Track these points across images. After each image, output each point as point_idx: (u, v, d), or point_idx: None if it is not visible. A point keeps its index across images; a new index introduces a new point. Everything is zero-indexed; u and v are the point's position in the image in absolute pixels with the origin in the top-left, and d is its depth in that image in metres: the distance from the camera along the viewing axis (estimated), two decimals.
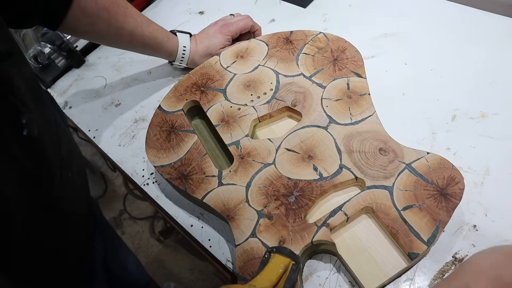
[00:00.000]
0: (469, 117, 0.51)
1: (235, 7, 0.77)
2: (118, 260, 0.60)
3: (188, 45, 0.61)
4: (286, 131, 0.49)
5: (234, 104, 0.53)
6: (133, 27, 0.56)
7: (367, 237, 0.41)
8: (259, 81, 0.55)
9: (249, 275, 0.39)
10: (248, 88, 0.55)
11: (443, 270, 0.40)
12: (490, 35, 0.59)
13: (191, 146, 0.50)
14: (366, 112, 0.48)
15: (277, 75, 0.55)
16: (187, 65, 0.64)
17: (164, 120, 0.53)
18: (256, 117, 0.51)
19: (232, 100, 0.54)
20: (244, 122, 0.51)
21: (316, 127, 0.48)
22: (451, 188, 0.40)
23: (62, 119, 0.51)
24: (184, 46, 0.61)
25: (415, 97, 0.54)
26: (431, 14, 0.65)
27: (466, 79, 0.55)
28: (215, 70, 0.57)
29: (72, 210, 0.41)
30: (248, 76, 0.56)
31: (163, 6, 0.84)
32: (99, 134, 0.63)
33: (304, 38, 0.58)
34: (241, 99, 0.53)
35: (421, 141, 0.50)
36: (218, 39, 0.62)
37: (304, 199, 0.43)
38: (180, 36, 0.61)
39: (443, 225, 0.38)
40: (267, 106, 0.52)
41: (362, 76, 0.52)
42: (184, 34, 0.63)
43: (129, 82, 0.70)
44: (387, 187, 0.42)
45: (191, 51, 0.62)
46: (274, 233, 0.41)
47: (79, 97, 0.70)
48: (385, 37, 0.63)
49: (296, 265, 0.36)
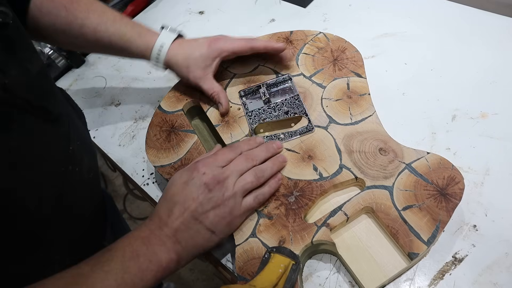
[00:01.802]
0: (469, 117, 0.51)
1: (235, 7, 0.77)
2: None
3: (167, 44, 0.51)
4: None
5: (234, 104, 0.53)
6: (96, 24, 0.50)
7: (367, 237, 0.40)
8: (259, 81, 0.55)
9: (249, 275, 0.39)
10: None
11: (443, 270, 0.40)
12: (490, 35, 0.59)
13: (191, 146, 0.50)
14: (366, 112, 0.48)
15: (277, 75, 0.55)
16: (164, 67, 0.53)
17: (164, 120, 0.53)
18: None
19: (232, 100, 0.54)
20: (244, 122, 0.51)
21: (316, 127, 0.48)
22: (451, 188, 0.40)
23: (78, 117, 0.51)
24: (161, 45, 0.51)
25: (415, 97, 0.54)
26: (431, 14, 0.65)
27: (466, 79, 0.55)
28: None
29: (76, 205, 0.41)
30: (248, 76, 0.56)
31: (163, 6, 0.84)
32: (99, 134, 0.63)
33: (304, 38, 0.58)
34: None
35: (421, 141, 0.50)
36: (201, 52, 0.51)
37: (304, 199, 0.43)
38: (163, 33, 0.52)
39: (443, 225, 0.38)
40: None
41: (362, 76, 0.52)
42: (170, 32, 0.53)
43: (129, 82, 0.70)
44: (387, 187, 0.42)
45: (168, 52, 0.51)
46: (274, 233, 0.41)
47: (79, 97, 0.70)
48: (385, 37, 0.63)
49: (296, 265, 0.36)
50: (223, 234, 0.40)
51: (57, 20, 0.48)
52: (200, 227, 0.39)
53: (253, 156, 0.44)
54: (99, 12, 0.51)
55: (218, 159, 0.42)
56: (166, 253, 0.36)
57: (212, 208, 0.39)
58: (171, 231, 0.38)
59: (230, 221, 0.40)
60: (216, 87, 0.52)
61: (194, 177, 0.40)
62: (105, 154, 0.61)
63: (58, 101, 0.42)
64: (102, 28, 0.50)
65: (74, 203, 0.41)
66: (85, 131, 0.51)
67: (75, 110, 0.54)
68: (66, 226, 0.39)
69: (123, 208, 1.47)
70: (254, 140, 0.47)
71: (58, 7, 0.48)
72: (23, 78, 0.34)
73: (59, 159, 0.38)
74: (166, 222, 0.38)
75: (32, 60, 0.37)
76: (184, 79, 0.53)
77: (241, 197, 0.41)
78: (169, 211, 0.39)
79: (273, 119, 0.50)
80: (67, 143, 0.39)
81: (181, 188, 0.40)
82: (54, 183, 0.37)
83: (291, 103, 0.51)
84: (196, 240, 0.39)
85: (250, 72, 0.56)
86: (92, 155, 0.47)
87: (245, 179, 0.42)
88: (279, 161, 0.45)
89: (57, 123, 0.39)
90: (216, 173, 0.40)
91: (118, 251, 0.35)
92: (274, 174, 0.44)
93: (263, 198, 0.42)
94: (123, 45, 0.52)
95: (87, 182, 0.43)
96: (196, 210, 0.39)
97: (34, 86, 0.36)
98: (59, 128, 0.39)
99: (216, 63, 0.52)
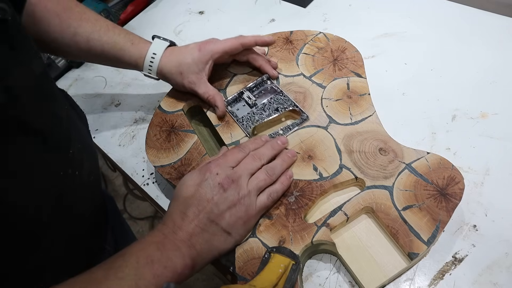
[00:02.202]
0: (469, 117, 0.51)
1: (235, 7, 0.77)
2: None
3: (159, 52, 0.51)
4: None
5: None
6: (89, 32, 0.50)
7: (367, 237, 0.40)
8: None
9: (249, 275, 0.39)
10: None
11: (443, 270, 0.40)
12: (490, 35, 0.59)
13: (191, 146, 0.50)
14: (366, 112, 0.48)
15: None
16: (158, 77, 0.54)
17: (164, 120, 0.53)
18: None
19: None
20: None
21: (316, 127, 0.48)
22: (451, 188, 0.40)
23: (79, 119, 0.50)
24: (154, 53, 0.51)
25: (415, 97, 0.54)
26: (431, 14, 0.65)
27: (466, 79, 0.55)
28: (215, 70, 0.57)
29: (75, 207, 0.40)
30: (248, 75, 0.56)
31: (163, 6, 0.84)
32: (99, 134, 0.63)
33: (304, 38, 0.58)
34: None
35: (421, 141, 0.50)
36: (193, 56, 0.51)
37: (304, 199, 0.43)
38: (155, 42, 0.53)
39: (443, 225, 0.38)
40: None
41: (362, 76, 0.52)
42: (162, 41, 0.53)
43: (129, 82, 0.70)
44: (387, 187, 0.42)
45: (161, 60, 0.51)
46: (274, 233, 0.41)
47: (79, 97, 0.70)
48: (385, 37, 0.63)
49: (296, 265, 0.36)
50: (239, 235, 0.40)
51: (49, 28, 0.48)
52: (216, 229, 0.38)
53: (260, 155, 0.44)
54: (92, 20, 0.51)
55: (229, 159, 0.42)
56: (181, 258, 0.35)
57: (228, 208, 0.39)
58: (186, 235, 0.37)
59: (246, 220, 0.40)
60: (211, 90, 0.52)
61: (207, 178, 0.40)
62: (105, 154, 0.61)
63: (60, 103, 0.41)
64: (95, 36, 0.50)
65: (74, 207, 0.40)
66: (87, 133, 0.50)
67: (77, 112, 0.53)
68: (65, 229, 0.39)
69: (123, 208, 1.47)
70: (260, 139, 0.47)
71: (51, 15, 0.48)
72: (26, 79, 0.34)
73: (58, 162, 0.36)
74: (180, 225, 0.37)
75: (34, 60, 0.36)
76: (179, 86, 0.53)
77: (256, 195, 0.41)
78: (183, 214, 0.38)
79: (266, 119, 0.50)
80: (67, 146, 0.39)
81: (194, 190, 0.39)
82: (52, 187, 0.36)
83: (277, 99, 0.52)
84: (211, 243, 0.38)
85: (251, 72, 0.56)
86: (93, 157, 0.46)
87: (257, 177, 0.42)
88: (288, 156, 0.45)
89: (57, 125, 0.38)
90: (229, 173, 0.40)
91: (132, 256, 0.34)
92: (285, 171, 0.44)
93: (277, 195, 0.42)
94: (116, 54, 0.52)
95: (87, 185, 0.43)
96: (212, 211, 0.38)
97: (37, 88, 0.35)
98: (59, 131, 0.38)
99: (209, 66, 0.52)
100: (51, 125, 0.37)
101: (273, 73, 0.54)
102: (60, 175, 0.36)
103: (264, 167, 0.43)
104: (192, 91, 0.52)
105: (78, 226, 0.41)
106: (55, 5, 0.48)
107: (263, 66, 0.54)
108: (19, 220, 0.33)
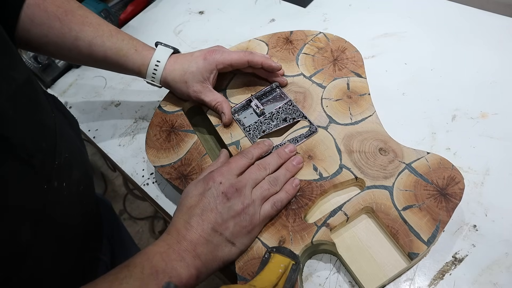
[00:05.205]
0: (469, 117, 0.51)
1: (235, 7, 0.77)
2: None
3: (164, 60, 0.50)
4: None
5: (234, 103, 0.53)
6: (91, 37, 0.48)
7: (367, 237, 0.40)
8: (259, 80, 0.55)
9: (249, 275, 0.39)
10: (248, 88, 0.55)
11: (443, 270, 0.40)
12: (490, 35, 0.59)
13: (191, 146, 0.50)
14: (366, 112, 0.48)
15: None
16: (162, 85, 0.53)
17: (164, 120, 0.53)
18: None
19: (232, 100, 0.54)
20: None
21: (316, 127, 0.48)
22: (451, 188, 0.40)
23: (70, 126, 0.49)
24: (158, 61, 0.50)
25: (415, 97, 0.54)
26: (431, 14, 0.65)
27: (466, 79, 0.55)
28: None
29: (63, 219, 0.38)
30: (248, 76, 0.56)
31: (163, 6, 0.84)
32: (99, 134, 0.63)
33: (304, 38, 0.58)
34: (241, 99, 0.53)
35: (421, 141, 0.50)
36: (198, 65, 0.49)
37: (304, 199, 0.43)
38: (159, 49, 0.51)
39: (443, 225, 0.38)
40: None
41: (362, 76, 0.52)
42: (166, 48, 0.52)
43: (129, 82, 0.70)
44: (387, 187, 0.42)
45: (165, 68, 0.50)
46: (274, 233, 0.41)
47: (79, 97, 0.70)
48: (385, 37, 0.63)
49: (296, 265, 0.36)
50: (243, 245, 0.39)
51: (50, 32, 0.47)
52: (220, 239, 0.38)
53: (265, 164, 0.43)
54: (95, 25, 0.49)
55: (232, 167, 0.41)
56: (185, 268, 0.35)
57: (232, 217, 0.38)
58: (190, 245, 0.36)
59: (250, 230, 0.39)
60: (219, 97, 0.51)
61: (211, 187, 0.39)
62: (105, 154, 0.61)
63: (47, 111, 0.39)
64: (98, 41, 0.49)
65: (60, 219, 0.38)
66: (77, 141, 0.48)
67: (67, 119, 0.51)
68: (51, 243, 0.36)
69: (123, 208, 1.48)
70: (263, 143, 0.46)
71: (52, 18, 0.46)
72: (7, 87, 0.32)
73: (40, 176, 0.34)
74: (184, 235, 0.37)
75: (16, 68, 0.34)
76: (184, 94, 0.52)
77: (260, 205, 0.40)
78: (187, 224, 0.38)
79: (273, 129, 0.49)
80: (52, 158, 0.37)
81: (197, 200, 0.39)
82: (33, 202, 0.34)
83: (286, 109, 0.51)
84: (215, 254, 0.37)
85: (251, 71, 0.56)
86: (83, 166, 0.44)
87: (261, 186, 0.41)
88: (293, 165, 0.44)
89: (42, 136, 0.36)
90: (233, 182, 0.40)
91: (137, 267, 0.34)
92: (291, 179, 0.43)
93: (281, 204, 0.41)
94: (119, 60, 0.50)
95: (76, 196, 0.41)
96: (216, 221, 0.38)
97: (18, 97, 0.33)
98: (43, 142, 0.36)
99: (213, 75, 0.51)
100: (35, 137, 0.35)
101: (282, 80, 0.53)
102: (43, 188, 0.35)
103: (267, 177, 0.42)
104: (198, 100, 0.52)
105: (66, 239, 0.39)
106: (56, 8, 0.47)
107: (269, 77, 0.53)
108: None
